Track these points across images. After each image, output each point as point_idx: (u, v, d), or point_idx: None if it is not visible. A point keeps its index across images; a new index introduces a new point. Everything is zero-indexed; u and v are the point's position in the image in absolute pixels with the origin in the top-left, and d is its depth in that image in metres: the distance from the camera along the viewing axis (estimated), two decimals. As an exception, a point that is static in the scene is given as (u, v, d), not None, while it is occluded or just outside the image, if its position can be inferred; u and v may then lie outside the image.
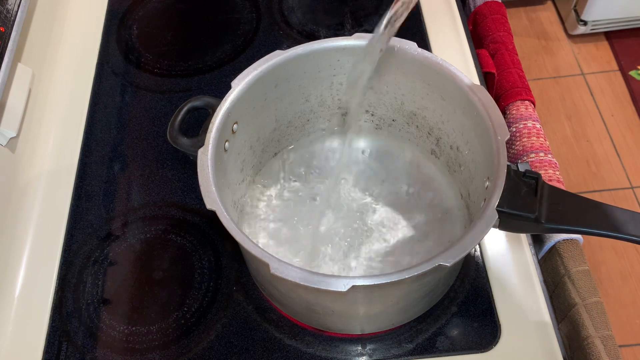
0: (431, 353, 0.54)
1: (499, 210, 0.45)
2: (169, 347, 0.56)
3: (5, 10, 0.64)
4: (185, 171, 0.67)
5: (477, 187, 0.54)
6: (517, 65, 0.75)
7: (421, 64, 0.55)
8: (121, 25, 0.81)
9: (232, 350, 0.55)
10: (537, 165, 0.65)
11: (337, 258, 0.58)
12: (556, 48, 1.70)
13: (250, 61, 0.55)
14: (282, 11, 0.82)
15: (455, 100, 0.54)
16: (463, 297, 0.57)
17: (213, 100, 0.56)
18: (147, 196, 0.65)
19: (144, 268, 0.60)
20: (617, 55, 1.66)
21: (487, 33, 0.79)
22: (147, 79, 0.76)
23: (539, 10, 1.78)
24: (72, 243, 0.63)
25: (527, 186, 0.47)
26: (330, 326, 0.55)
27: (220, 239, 0.61)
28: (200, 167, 0.49)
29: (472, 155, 0.55)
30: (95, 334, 0.57)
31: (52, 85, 0.74)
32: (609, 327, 0.54)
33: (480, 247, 0.60)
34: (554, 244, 0.60)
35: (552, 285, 0.60)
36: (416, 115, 0.60)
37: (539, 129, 0.69)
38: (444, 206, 0.60)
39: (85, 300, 0.59)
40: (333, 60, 0.57)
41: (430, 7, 0.80)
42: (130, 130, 0.71)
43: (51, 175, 0.68)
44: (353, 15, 0.80)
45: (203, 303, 0.58)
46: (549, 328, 0.55)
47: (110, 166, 0.68)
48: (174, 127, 0.57)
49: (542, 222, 0.46)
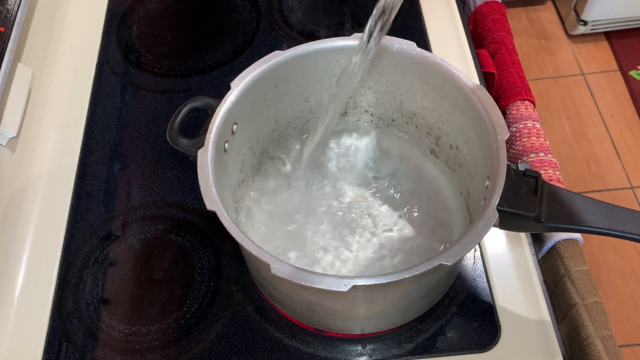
0: (431, 353, 0.54)
1: (499, 209, 0.45)
2: (169, 347, 0.56)
3: (5, 10, 0.64)
4: (185, 171, 0.67)
5: (477, 187, 0.54)
6: (517, 65, 0.75)
7: (420, 63, 0.55)
8: (121, 25, 0.81)
9: (232, 350, 0.55)
10: (537, 165, 0.65)
11: (336, 258, 0.58)
12: (556, 48, 1.70)
13: (250, 61, 0.55)
14: (282, 11, 0.82)
15: (454, 99, 0.54)
16: (463, 297, 0.57)
17: (212, 101, 0.56)
18: (147, 196, 0.65)
19: (144, 268, 0.60)
20: (617, 55, 1.66)
21: (487, 33, 0.79)
22: (147, 79, 0.76)
23: (539, 10, 1.79)
24: (72, 243, 0.63)
25: (527, 185, 0.47)
26: (331, 326, 0.55)
27: (220, 239, 0.61)
28: (200, 167, 0.49)
29: (471, 155, 0.55)
30: (95, 334, 0.57)
31: (52, 85, 0.74)
32: (609, 327, 0.54)
33: (480, 247, 0.60)
34: (554, 244, 0.60)
35: (552, 285, 0.60)
36: (415, 115, 0.60)
37: (539, 129, 0.69)
38: (444, 206, 0.60)
39: (85, 300, 0.59)
40: (332, 60, 0.57)
41: (430, 7, 0.80)
42: (130, 130, 0.71)
43: (51, 175, 0.68)
44: (353, 15, 0.80)
45: (203, 303, 0.58)
46: (549, 328, 0.55)
47: (110, 166, 0.68)
48: (174, 128, 0.57)
49: (542, 220, 0.46)
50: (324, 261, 0.58)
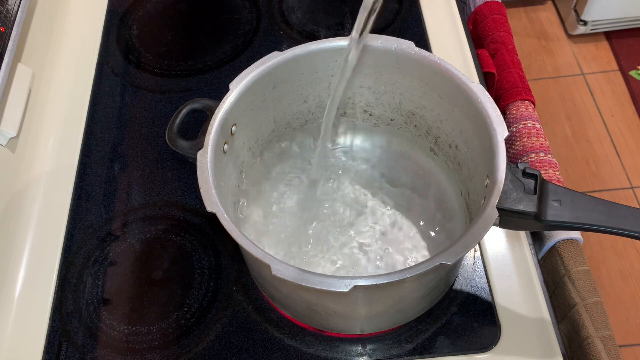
0: (431, 353, 0.54)
1: (499, 208, 0.45)
2: (169, 347, 0.56)
3: (5, 10, 0.64)
4: (185, 171, 0.67)
5: (476, 186, 0.54)
6: (517, 65, 0.75)
7: (419, 63, 0.55)
8: (121, 25, 0.81)
9: (232, 350, 0.55)
10: (537, 165, 0.65)
11: (336, 257, 0.58)
12: (556, 48, 1.70)
13: (250, 61, 0.55)
14: (282, 11, 0.82)
15: (453, 98, 0.54)
16: (463, 297, 0.57)
17: (211, 103, 0.56)
18: (147, 196, 0.65)
19: (144, 268, 0.60)
20: (617, 55, 1.66)
21: (487, 33, 0.79)
22: (147, 79, 0.76)
23: (539, 10, 1.79)
24: (72, 243, 0.63)
25: (526, 184, 0.47)
26: (332, 326, 0.55)
27: (220, 239, 0.61)
28: (200, 169, 0.49)
29: (471, 154, 0.55)
30: (95, 334, 0.57)
31: (52, 85, 0.74)
32: (609, 327, 0.54)
33: (480, 247, 0.60)
34: (554, 244, 0.60)
35: (552, 285, 0.60)
36: (414, 115, 0.60)
37: (539, 129, 0.69)
38: (444, 205, 0.60)
39: (85, 300, 0.59)
40: (331, 60, 0.57)
41: (430, 7, 0.80)
42: (130, 130, 0.71)
43: (51, 175, 0.68)
44: (353, 15, 0.80)
45: (203, 303, 0.58)
46: (549, 328, 0.55)
47: (110, 166, 0.68)
48: (173, 130, 0.57)
49: (542, 219, 0.46)
50: (323, 261, 0.58)
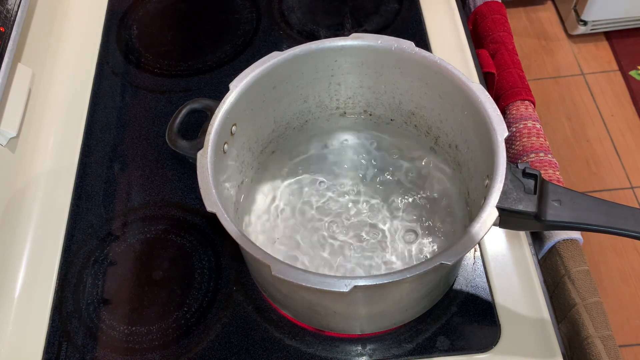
0: (431, 353, 0.54)
1: (499, 208, 0.45)
2: (169, 347, 0.56)
3: (5, 10, 0.64)
4: (185, 171, 0.67)
5: (476, 186, 0.54)
6: (517, 65, 0.75)
7: (419, 63, 0.55)
8: (121, 25, 0.81)
9: (232, 350, 0.55)
10: (537, 165, 0.65)
11: (336, 257, 0.58)
12: (556, 48, 1.71)
13: (250, 61, 0.55)
14: (282, 11, 0.82)
15: (453, 99, 0.54)
16: (463, 297, 0.57)
17: (211, 103, 0.56)
18: (147, 196, 0.65)
19: (144, 268, 0.60)
20: (617, 55, 1.66)
21: (487, 33, 0.79)
22: (147, 79, 0.76)
23: (539, 10, 1.79)
24: (72, 243, 0.63)
25: (526, 184, 0.47)
26: (332, 326, 0.55)
27: (220, 239, 0.61)
28: (200, 169, 0.49)
29: (471, 154, 0.55)
30: (95, 334, 0.57)
31: (52, 85, 0.74)
32: (609, 327, 0.54)
33: (480, 247, 0.60)
34: (554, 244, 0.60)
35: (552, 285, 0.60)
36: (414, 115, 0.60)
37: (539, 129, 0.69)
38: (444, 205, 0.60)
39: (85, 300, 0.59)
40: (331, 60, 0.57)
41: (430, 7, 0.80)
42: (130, 130, 0.71)
43: (51, 175, 0.68)
44: (353, 15, 0.80)
45: (203, 303, 0.58)
46: (549, 328, 0.55)
47: (110, 166, 0.68)
48: (173, 130, 0.57)
49: (542, 219, 0.46)
50: (323, 260, 0.58)
